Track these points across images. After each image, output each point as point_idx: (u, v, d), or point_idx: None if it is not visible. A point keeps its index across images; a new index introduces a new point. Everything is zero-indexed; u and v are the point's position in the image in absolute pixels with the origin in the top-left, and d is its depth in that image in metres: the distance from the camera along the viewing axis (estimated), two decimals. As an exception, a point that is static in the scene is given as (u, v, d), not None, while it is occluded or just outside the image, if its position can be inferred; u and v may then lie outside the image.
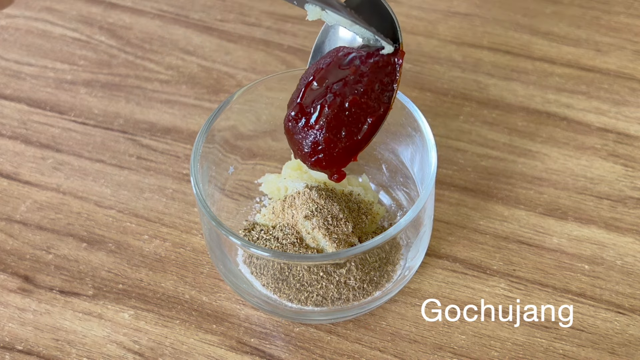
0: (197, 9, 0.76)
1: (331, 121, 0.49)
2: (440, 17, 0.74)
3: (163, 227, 0.60)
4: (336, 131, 0.49)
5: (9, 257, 0.59)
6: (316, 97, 0.50)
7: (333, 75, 0.50)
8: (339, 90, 0.49)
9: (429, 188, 0.50)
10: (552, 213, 0.59)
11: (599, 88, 0.67)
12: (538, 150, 0.63)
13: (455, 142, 0.64)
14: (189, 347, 0.54)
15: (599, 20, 0.73)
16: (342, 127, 0.49)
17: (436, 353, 0.53)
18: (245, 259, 0.54)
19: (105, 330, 0.55)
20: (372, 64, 0.50)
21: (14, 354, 0.54)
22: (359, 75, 0.50)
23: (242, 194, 0.59)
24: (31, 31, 0.75)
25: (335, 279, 0.51)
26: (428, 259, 0.57)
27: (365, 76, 0.50)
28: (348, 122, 0.49)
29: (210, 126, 0.54)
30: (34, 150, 0.66)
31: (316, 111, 0.49)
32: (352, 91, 0.49)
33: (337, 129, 0.49)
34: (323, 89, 0.50)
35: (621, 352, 0.53)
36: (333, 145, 0.50)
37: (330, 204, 0.53)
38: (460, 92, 0.68)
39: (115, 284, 0.57)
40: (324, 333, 0.54)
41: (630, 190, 0.60)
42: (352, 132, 0.50)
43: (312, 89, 0.50)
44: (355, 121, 0.50)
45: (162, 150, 0.65)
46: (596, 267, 0.57)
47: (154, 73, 0.71)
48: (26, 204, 0.62)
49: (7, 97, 0.70)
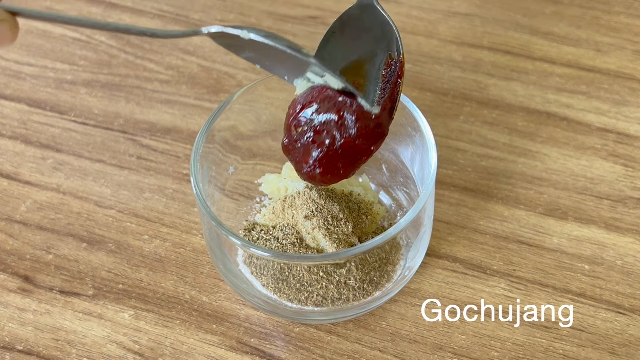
0: (197, 9, 0.76)
1: (325, 161, 0.49)
2: (440, 17, 0.74)
3: (163, 227, 0.60)
4: (332, 166, 0.50)
5: (9, 257, 0.59)
6: (310, 131, 0.50)
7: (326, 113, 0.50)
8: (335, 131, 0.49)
9: (429, 188, 0.50)
10: (552, 213, 0.59)
11: (599, 88, 0.67)
12: (538, 150, 0.63)
13: (455, 142, 0.64)
14: (189, 347, 0.54)
15: (599, 20, 0.73)
16: (337, 164, 0.50)
17: (436, 353, 0.53)
18: (245, 259, 0.54)
19: (105, 330, 0.55)
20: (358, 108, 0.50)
21: (14, 354, 0.54)
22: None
23: (242, 194, 0.59)
24: (31, 31, 0.75)
25: (335, 279, 0.51)
26: (428, 259, 0.57)
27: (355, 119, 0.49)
28: (343, 160, 0.50)
29: (210, 126, 0.53)
30: (34, 150, 0.66)
31: (310, 148, 0.50)
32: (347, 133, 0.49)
33: (333, 165, 0.50)
34: (317, 124, 0.50)
35: (621, 352, 0.53)
36: (330, 175, 0.50)
37: (330, 204, 0.53)
38: (460, 92, 0.68)
39: (115, 284, 0.57)
40: (324, 333, 0.54)
41: (630, 190, 0.60)
42: (348, 164, 0.50)
43: (303, 120, 0.50)
44: (351, 158, 0.50)
45: (162, 150, 0.65)
46: (596, 267, 0.57)
47: (154, 73, 0.71)
48: (26, 204, 0.62)
49: (7, 97, 0.70)
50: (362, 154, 0.49)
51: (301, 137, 0.50)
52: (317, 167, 0.49)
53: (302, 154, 0.50)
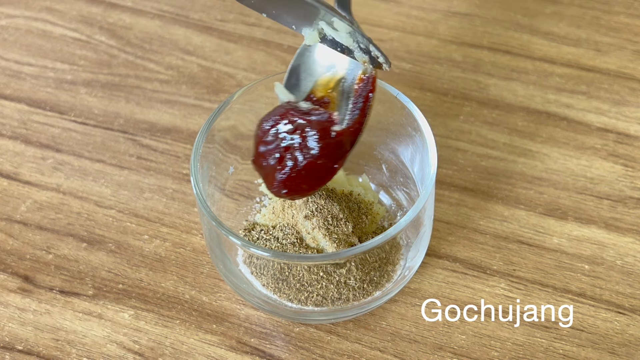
0: (197, 9, 0.76)
1: (289, 183, 0.50)
2: (440, 17, 0.74)
3: (163, 227, 0.60)
4: (296, 187, 0.50)
5: (9, 257, 0.59)
6: (274, 152, 0.50)
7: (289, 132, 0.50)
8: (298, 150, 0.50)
9: (429, 188, 0.50)
10: (552, 213, 0.59)
11: (599, 88, 0.67)
12: (538, 150, 0.63)
13: (455, 142, 0.64)
14: (189, 347, 0.54)
15: (599, 20, 0.73)
16: (302, 184, 0.50)
17: (436, 353, 0.53)
18: (245, 259, 0.54)
19: (105, 330, 0.55)
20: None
21: (14, 354, 0.54)
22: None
23: (242, 194, 0.59)
24: (31, 31, 0.75)
25: (335, 279, 0.51)
26: (428, 259, 0.57)
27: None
28: (307, 181, 0.50)
29: (210, 126, 0.53)
30: (34, 150, 0.66)
31: (277, 167, 0.50)
32: (308, 154, 0.49)
33: (297, 185, 0.50)
34: (281, 143, 0.50)
35: (621, 352, 0.53)
36: (297, 194, 0.51)
37: (330, 204, 0.53)
38: (460, 92, 0.68)
39: (115, 284, 0.57)
40: (324, 333, 0.54)
41: (630, 190, 0.60)
42: (315, 182, 0.50)
43: (268, 141, 0.50)
44: (315, 177, 0.50)
45: (162, 150, 0.65)
46: (596, 267, 0.57)
47: (154, 73, 0.71)
48: (26, 204, 0.62)
49: (7, 97, 0.70)
50: (326, 173, 0.50)
51: (266, 158, 0.50)
52: (282, 188, 0.50)
53: (267, 174, 0.51)
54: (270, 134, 0.50)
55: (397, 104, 0.53)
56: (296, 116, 0.49)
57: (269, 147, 0.50)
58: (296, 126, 0.49)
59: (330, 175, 0.50)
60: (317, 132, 0.49)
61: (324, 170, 0.50)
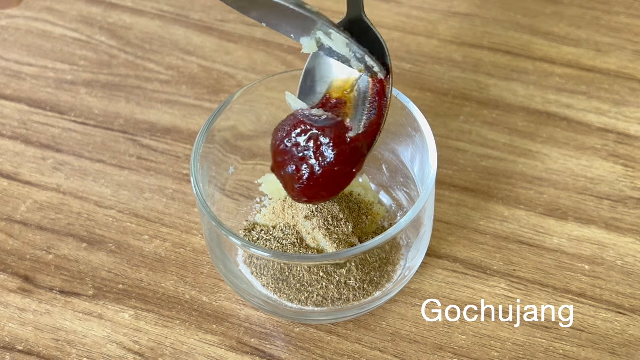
0: (197, 9, 0.76)
1: (307, 191, 0.50)
2: (440, 17, 0.74)
3: (163, 227, 0.60)
4: (315, 193, 0.51)
5: (9, 257, 0.59)
6: (293, 158, 0.51)
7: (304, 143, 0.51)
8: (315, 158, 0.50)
9: (429, 188, 0.50)
10: (552, 213, 0.59)
11: (599, 88, 0.67)
12: (538, 150, 0.63)
13: (455, 142, 0.64)
14: (189, 347, 0.54)
15: (599, 20, 0.73)
16: (320, 191, 0.51)
17: (436, 353, 0.53)
18: (245, 259, 0.54)
19: (105, 330, 0.55)
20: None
21: (14, 354, 0.54)
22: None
23: (242, 194, 0.59)
24: (31, 31, 0.75)
25: (335, 279, 0.51)
26: (428, 259, 0.57)
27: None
28: (325, 187, 0.51)
29: (210, 126, 0.53)
30: (34, 150, 0.66)
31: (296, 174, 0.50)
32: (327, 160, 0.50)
33: (316, 192, 0.51)
34: (300, 151, 0.51)
35: (621, 352, 0.53)
36: (316, 199, 0.52)
37: (330, 204, 0.53)
38: (460, 92, 0.68)
39: (115, 284, 0.57)
40: (324, 333, 0.54)
41: (630, 190, 0.60)
42: (334, 187, 0.51)
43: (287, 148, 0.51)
44: (333, 183, 0.51)
45: (162, 150, 0.65)
46: (596, 267, 0.57)
47: (154, 73, 0.71)
48: (26, 204, 0.62)
49: (7, 97, 0.70)
50: (344, 178, 0.50)
51: (283, 167, 0.51)
52: (301, 195, 0.51)
53: (286, 183, 0.51)
54: (285, 143, 0.50)
55: (397, 103, 0.53)
56: (309, 125, 0.50)
57: (284, 158, 0.51)
58: (310, 135, 0.50)
59: (349, 179, 0.50)
60: (331, 139, 0.49)
61: (342, 176, 0.50)
